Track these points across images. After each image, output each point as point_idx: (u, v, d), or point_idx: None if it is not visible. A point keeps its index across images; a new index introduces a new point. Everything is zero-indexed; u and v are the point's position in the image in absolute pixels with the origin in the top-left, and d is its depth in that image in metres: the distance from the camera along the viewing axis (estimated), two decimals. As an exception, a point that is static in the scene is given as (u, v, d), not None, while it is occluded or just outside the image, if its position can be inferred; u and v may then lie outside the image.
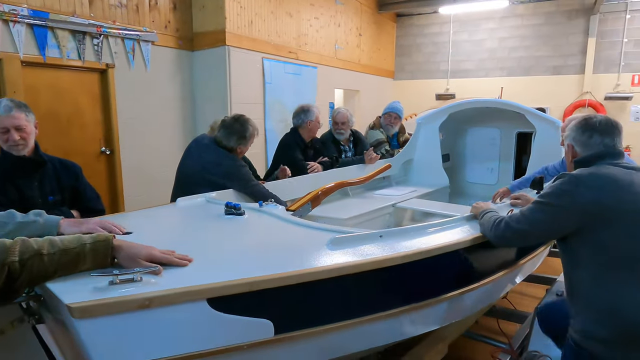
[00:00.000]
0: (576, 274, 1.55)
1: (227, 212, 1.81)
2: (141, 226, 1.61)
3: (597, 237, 1.48)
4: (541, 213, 1.57)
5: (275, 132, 5.55)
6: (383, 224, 3.17)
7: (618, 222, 1.46)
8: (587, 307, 1.51)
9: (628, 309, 1.43)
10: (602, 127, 1.62)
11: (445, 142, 4.19)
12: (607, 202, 1.47)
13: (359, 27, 7.56)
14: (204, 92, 4.95)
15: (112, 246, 1.16)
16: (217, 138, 2.56)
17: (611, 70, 7.50)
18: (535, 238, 1.69)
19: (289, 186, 2.92)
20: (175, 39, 4.69)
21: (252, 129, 2.60)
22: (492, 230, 1.71)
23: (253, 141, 2.68)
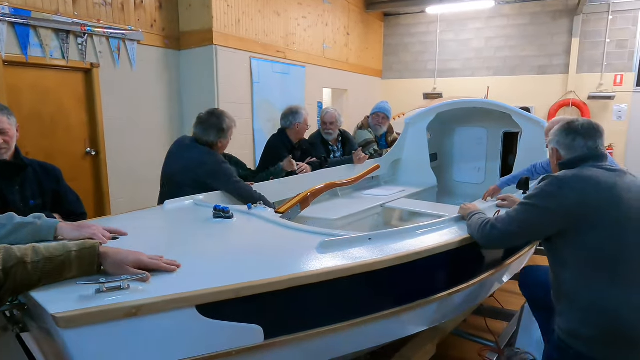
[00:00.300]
0: (561, 274, 1.58)
1: (215, 216, 1.80)
2: (128, 230, 1.58)
3: (580, 238, 1.51)
4: (526, 214, 1.60)
5: (264, 132, 5.53)
6: (372, 224, 3.18)
7: (601, 223, 1.49)
8: (571, 307, 1.54)
9: (611, 309, 1.46)
10: (585, 131, 1.66)
11: (433, 141, 4.22)
12: (590, 204, 1.50)
13: (346, 27, 7.57)
14: (191, 91, 4.90)
15: (99, 253, 1.14)
16: (195, 135, 2.53)
17: (594, 70, 7.63)
18: (521, 239, 1.72)
19: (277, 187, 2.90)
20: (162, 38, 4.64)
21: (229, 121, 2.57)
22: (479, 232, 1.73)
23: (232, 134, 2.63)
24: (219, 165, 2.44)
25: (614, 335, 1.46)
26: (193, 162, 2.43)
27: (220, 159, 2.50)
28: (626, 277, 1.47)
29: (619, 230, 1.49)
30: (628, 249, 1.48)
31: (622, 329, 1.45)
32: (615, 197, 1.51)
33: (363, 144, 4.01)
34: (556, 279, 1.62)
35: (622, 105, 7.50)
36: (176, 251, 1.36)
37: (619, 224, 1.49)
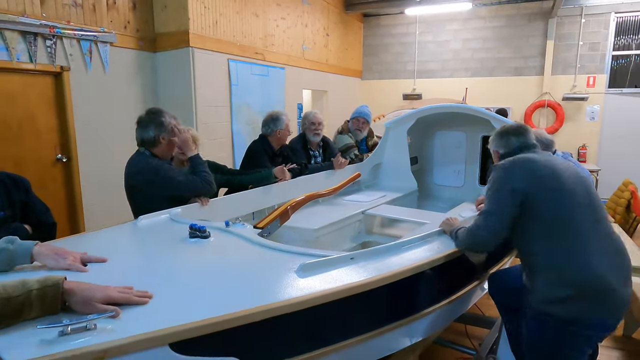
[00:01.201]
0: (530, 251, 1.77)
1: (191, 235, 1.72)
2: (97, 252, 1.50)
3: (534, 210, 1.73)
4: (497, 203, 1.78)
5: (242, 135, 5.45)
6: (353, 233, 3.15)
7: (547, 192, 1.74)
8: (545, 276, 1.71)
9: (581, 264, 1.65)
10: (514, 130, 2.03)
11: (414, 145, 4.23)
12: (536, 176, 1.76)
13: (326, 27, 7.52)
14: (167, 94, 4.78)
15: (63, 290, 1.06)
16: (137, 140, 2.42)
17: (568, 72, 7.80)
18: (505, 228, 1.78)
19: (257, 196, 2.84)
20: (136, 39, 4.50)
21: (169, 117, 2.41)
22: (469, 241, 1.83)
23: (178, 132, 2.47)
24: (153, 173, 2.28)
25: (587, 287, 1.64)
26: (129, 176, 2.35)
27: (155, 163, 2.32)
28: (580, 234, 1.69)
29: (561, 196, 1.73)
30: (572, 210, 1.72)
31: (592, 279, 1.64)
32: (552, 170, 1.78)
33: (343, 148, 3.98)
34: (527, 260, 1.81)
35: (594, 106, 7.69)
36: (148, 279, 1.30)
37: (560, 191, 1.73)
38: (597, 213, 1.78)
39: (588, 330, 1.69)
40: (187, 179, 2.39)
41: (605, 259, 1.68)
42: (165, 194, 2.32)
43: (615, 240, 1.79)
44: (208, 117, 4.88)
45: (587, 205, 1.75)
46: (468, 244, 1.85)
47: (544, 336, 1.74)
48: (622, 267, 1.73)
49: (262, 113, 5.86)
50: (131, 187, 2.35)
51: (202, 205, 2.38)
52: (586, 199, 1.76)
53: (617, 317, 1.71)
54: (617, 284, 1.66)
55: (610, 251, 1.72)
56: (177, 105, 4.73)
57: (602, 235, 1.74)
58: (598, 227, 1.75)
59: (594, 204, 1.79)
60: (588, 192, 1.80)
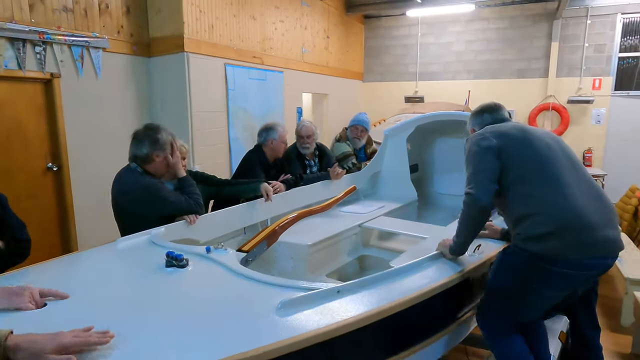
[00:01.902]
0: (511, 201, 1.86)
1: (167, 264, 1.61)
2: (65, 281, 1.40)
3: (510, 162, 1.83)
4: (479, 163, 1.87)
5: (240, 141, 5.35)
6: (350, 246, 3.04)
7: (517, 146, 1.87)
8: (526, 219, 1.78)
9: (555, 208, 1.75)
10: (487, 108, 2.16)
11: (413, 152, 4.11)
12: (508, 136, 1.89)
13: (326, 29, 7.41)
14: (162, 100, 4.68)
15: (6, 347, 0.96)
16: (129, 155, 2.32)
17: (573, 74, 7.65)
18: (490, 179, 1.84)
19: (247, 210, 2.73)
20: (130, 44, 4.41)
21: (166, 134, 2.32)
22: (466, 213, 1.87)
23: (172, 149, 2.36)
24: (144, 192, 2.18)
25: (565, 225, 1.71)
26: (118, 195, 2.24)
27: (148, 182, 2.22)
28: (557, 178, 1.79)
29: (533, 148, 1.86)
30: (546, 158, 1.84)
31: (571, 217, 1.72)
32: (521, 130, 1.95)
33: (341, 157, 3.86)
34: (509, 215, 1.90)
35: (600, 109, 7.54)
36: (114, 316, 1.19)
37: (531, 143, 1.87)
38: (572, 161, 1.90)
39: (562, 268, 1.72)
40: (178, 200, 2.29)
41: (584, 200, 1.75)
42: (156, 215, 2.22)
43: (595, 186, 1.88)
44: (204, 123, 4.77)
45: (560, 154, 1.87)
46: (469, 216, 1.88)
47: (512, 267, 1.82)
48: (603, 210, 1.79)
49: (260, 118, 5.80)
50: (120, 206, 2.25)
51: (190, 223, 2.27)
52: (559, 149, 1.89)
53: (598, 258, 1.74)
54: (597, 224, 1.72)
55: (590, 195, 1.80)
56: (171, 111, 4.64)
57: (580, 180, 1.83)
58: (575, 173, 1.84)
59: (568, 154, 1.91)
60: (560, 144, 1.95)
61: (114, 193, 2.26)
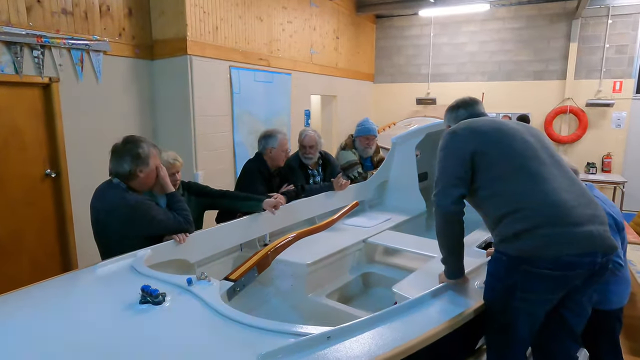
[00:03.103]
0: (486, 205, 1.74)
1: (142, 300, 1.48)
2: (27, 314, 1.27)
3: (484, 163, 1.71)
4: (447, 166, 1.77)
5: (245, 146, 5.22)
6: (353, 262, 2.88)
7: (490, 145, 1.74)
8: (503, 219, 1.65)
9: (531, 204, 1.61)
10: (462, 103, 2.07)
11: (423, 159, 3.93)
12: (479, 132, 1.78)
13: (336, 30, 7.24)
14: (164, 104, 4.57)
15: None
16: (110, 172, 2.18)
17: (592, 76, 7.35)
18: (455, 184, 1.74)
19: (243, 226, 2.59)
20: (132, 47, 4.30)
21: (148, 147, 2.18)
22: (437, 218, 1.80)
23: (158, 162, 2.24)
24: (131, 211, 2.04)
25: (541, 220, 1.58)
26: (101, 213, 2.09)
27: (134, 200, 2.08)
28: (535, 174, 1.66)
29: (509, 144, 1.74)
30: (524, 154, 1.71)
31: (548, 212, 1.58)
32: (495, 126, 1.81)
33: (346, 165, 3.70)
34: (487, 214, 1.76)
35: (621, 112, 7.23)
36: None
37: (507, 139, 1.75)
38: (553, 157, 1.76)
39: (542, 268, 1.56)
40: (167, 218, 2.15)
41: (565, 195, 1.63)
42: (143, 235, 2.10)
43: (578, 182, 1.74)
44: (207, 127, 4.65)
45: (540, 149, 1.75)
46: (436, 225, 1.82)
47: (496, 276, 1.69)
48: (587, 205, 1.64)
49: (266, 122, 5.66)
50: (102, 225, 2.10)
51: (179, 242, 2.14)
52: (538, 144, 1.77)
53: (581, 255, 1.56)
54: (578, 220, 1.58)
55: (572, 190, 1.66)
56: (174, 116, 4.53)
57: (561, 176, 1.70)
58: (556, 169, 1.71)
59: (548, 149, 1.79)
60: (540, 139, 1.81)
61: (97, 211, 2.13)
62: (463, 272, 1.83)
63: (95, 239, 2.15)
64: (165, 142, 4.59)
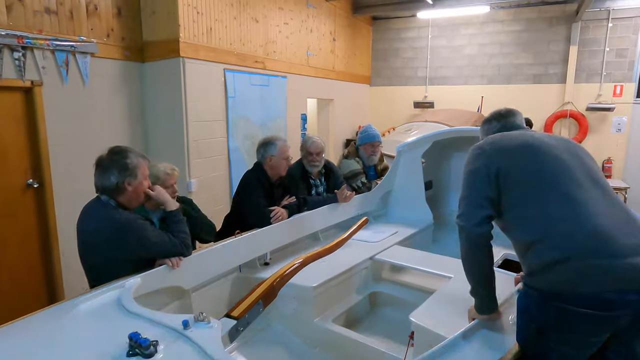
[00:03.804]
0: (513, 230, 1.57)
1: (130, 352, 1.25)
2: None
3: (511, 182, 1.55)
4: (469, 185, 1.61)
5: (240, 152, 5.00)
6: (360, 281, 2.69)
7: (518, 163, 1.57)
8: (532, 249, 1.48)
9: (564, 230, 1.42)
10: (495, 115, 1.90)
11: (428, 167, 3.75)
12: (502, 149, 1.62)
13: (332, 32, 7.05)
14: (156, 109, 4.34)
15: None
16: (96, 187, 1.97)
17: (593, 80, 7.25)
18: (479, 205, 1.57)
19: (243, 245, 2.38)
20: (121, 49, 4.07)
21: (136, 158, 1.98)
22: (461, 245, 1.62)
23: (146, 174, 2.04)
24: (121, 231, 1.83)
25: (575, 249, 1.38)
26: (88, 234, 1.87)
27: (125, 219, 1.87)
28: (569, 195, 1.47)
29: (539, 162, 1.55)
30: (556, 173, 1.53)
31: (584, 239, 1.39)
32: (525, 141, 1.63)
33: (349, 175, 3.50)
34: (515, 241, 1.59)
35: (622, 117, 7.14)
36: None
37: (537, 156, 1.57)
38: (592, 175, 1.55)
39: (579, 307, 1.35)
40: (162, 241, 1.94)
41: (605, 220, 1.41)
42: (134, 258, 1.88)
43: (622, 205, 1.52)
44: (201, 132, 4.43)
45: (577, 167, 1.55)
46: (461, 251, 1.63)
47: (527, 314, 1.49)
48: (633, 234, 1.41)
49: (262, 126, 5.46)
50: (89, 248, 1.88)
51: (173, 267, 1.92)
52: (575, 161, 1.56)
53: (625, 291, 1.33)
54: (622, 250, 1.35)
55: (614, 215, 1.45)
56: (166, 121, 4.30)
57: (601, 197, 1.49)
58: (595, 190, 1.50)
59: (587, 167, 1.57)
60: (578, 156, 1.60)
61: (83, 232, 1.91)
62: (496, 306, 1.64)
63: (82, 263, 1.93)
64: (157, 149, 4.36)
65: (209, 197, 4.57)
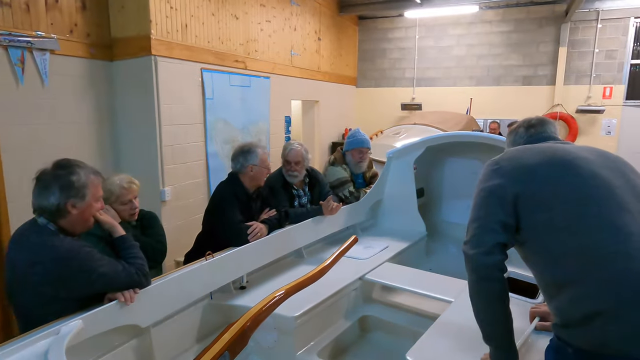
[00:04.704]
0: (537, 264, 1.31)
1: None
2: None
3: (529, 204, 1.29)
4: (476, 207, 1.36)
5: (220, 157, 4.69)
6: (348, 305, 2.41)
7: (538, 186, 1.30)
8: (557, 290, 1.23)
9: (604, 273, 1.12)
10: (527, 122, 1.61)
11: (419, 174, 3.50)
12: (525, 166, 1.34)
13: (317, 31, 6.78)
14: (126, 112, 4.00)
15: None
16: (33, 206, 1.62)
17: (582, 82, 7.14)
18: (491, 230, 1.30)
19: (214, 269, 2.07)
20: (86, 46, 3.72)
21: (85, 175, 1.64)
22: (467, 269, 1.34)
23: (98, 195, 1.70)
24: (62, 263, 1.51)
25: (622, 297, 1.08)
26: (21, 265, 1.52)
27: (67, 247, 1.54)
28: (609, 223, 1.18)
29: (568, 178, 1.28)
30: (588, 195, 1.24)
31: (631, 283, 1.09)
32: (552, 154, 1.35)
33: (336, 184, 3.22)
34: (539, 276, 1.33)
35: (611, 119, 7.04)
36: None
37: (567, 173, 1.29)
38: None
39: None
40: (114, 271, 1.61)
41: None
42: (78, 295, 1.56)
43: None
44: (176, 137, 4.11)
45: (621, 185, 1.26)
46: (468, 285, 1.36)
47: None
48: None
49: (243, 130, 5.15)
50: (20, 281, 1.55)
51: (126, 302, 1.60)
52: (618, 179, 1.27)
53: None
54: None
55: None
56: (137, 125, 3.96)
57: None
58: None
59: (634, 185, 1.27)
60: (622, 171, 1.31)
61: (11, 265, 1.56)
62: (516, 356, 1.36)
63: (10, 300, 1.60)
64: (127, 155, 4.03)
65: (184, 206, 4.25)
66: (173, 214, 4.11)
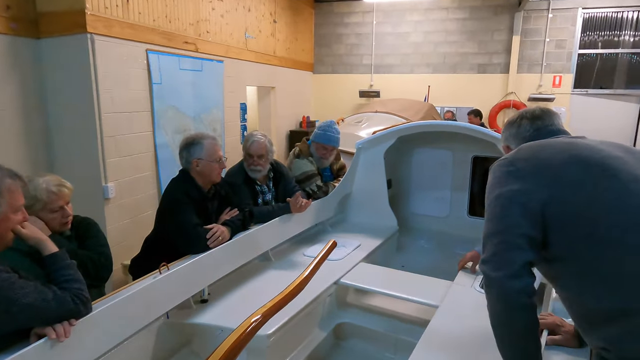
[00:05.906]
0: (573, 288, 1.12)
1: None
2: None
3: (563, 216, 1.08)
4: (493, 217, 1.15)
5: (170, 148, 4.27)
6: (322, 314, 2.19)
7: (570, 190, 1.10)
8: (605, 321, 1.04)
9: None
10: (531, 113, 1.43)
11: (386, 164, 3.32)
12: (550, 166, 1.14)
13: (272, 13, 6.41)
14: (59, 98, 3.49)
15: None
16: None
17: (534, 70, 7.30)
18: (517, 246, 1.09)
19: (170, 284, 1.76)
20: (5, 20, 3.17)
21: (1, 179, 1.28)
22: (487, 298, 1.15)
23: (18, 204, 1.33)
24: None
25: None
26: None
27: None
28: None
29: (607, 184, 1.08)
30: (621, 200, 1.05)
31: None
32: (579, 151, 1.15)
33: (302, 177, 2.96)
34: (576, 303, 1.13)
35: (561, 107, 7.25)
36: None
37: (603, 176, 1.09)
38: None
39: None
40: (42, 300, 1.26)
41: None
42: None
43: None
44: (118, 127, 3.66)
45: None
46: (489, 314, 1.15)
47: None
48: None
49: (196, 118, 4.74)
50: None
51: (58, 338, 1.28)
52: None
53: None
54: None
55: None
56: (73, 113, 3.48)
57: None
58: None
59: None
60: None
61: None
62: None
63: None
64: (62, 148, 3.55)
65: (131, 203, 3.83)
66: (119, 213, 3.69)
